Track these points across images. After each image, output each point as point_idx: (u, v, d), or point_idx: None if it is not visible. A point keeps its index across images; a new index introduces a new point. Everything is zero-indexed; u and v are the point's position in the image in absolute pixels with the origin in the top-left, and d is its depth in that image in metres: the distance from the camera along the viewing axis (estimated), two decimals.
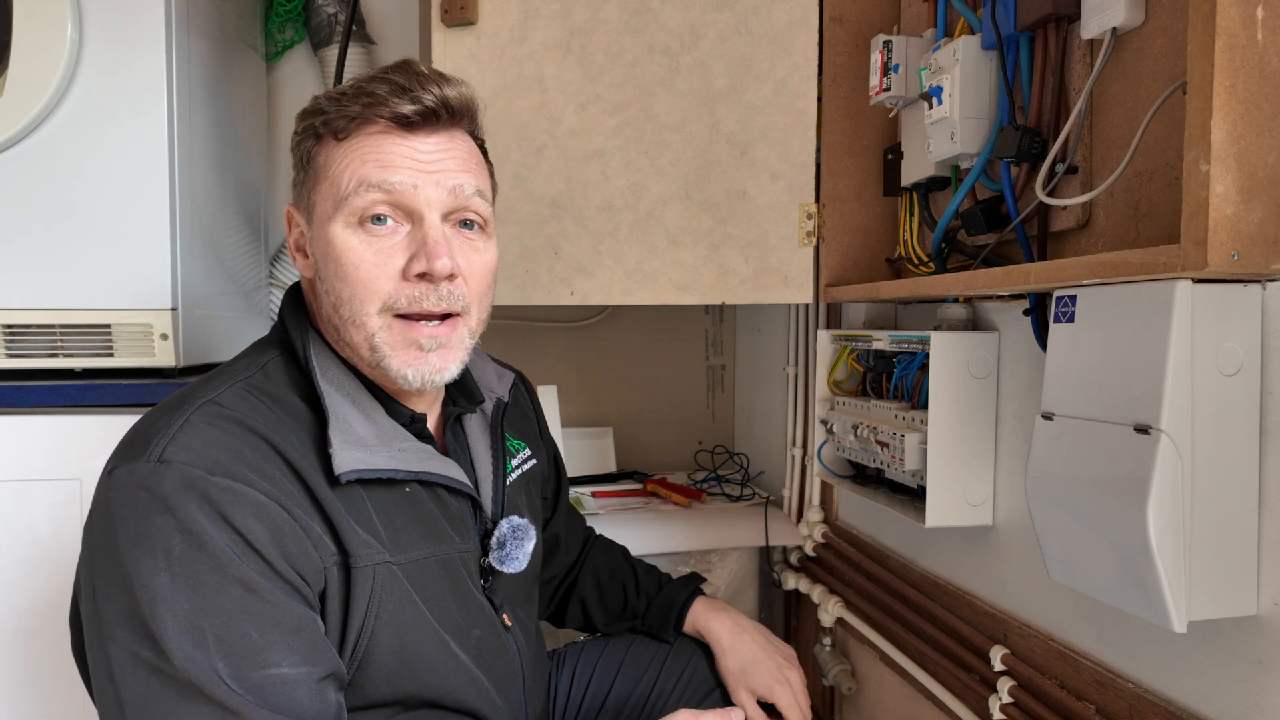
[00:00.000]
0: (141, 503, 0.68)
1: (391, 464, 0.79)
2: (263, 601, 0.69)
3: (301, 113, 0.85)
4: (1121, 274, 0.78)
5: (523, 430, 1.06)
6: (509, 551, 0.89)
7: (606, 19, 1.33)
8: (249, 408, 0.75)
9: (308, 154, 0.83)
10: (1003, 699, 1.09)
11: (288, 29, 1.84)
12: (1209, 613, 0.78)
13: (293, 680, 0.69)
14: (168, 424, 0.72)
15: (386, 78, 0.81)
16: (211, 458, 0.70)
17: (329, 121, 0.81)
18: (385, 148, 0.80)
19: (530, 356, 2.02)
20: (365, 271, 0.78)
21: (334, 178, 0.80)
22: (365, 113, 0.80)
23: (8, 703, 1.24)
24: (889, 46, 1.22)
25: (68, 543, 1.24)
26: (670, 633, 1.13)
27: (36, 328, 1.28)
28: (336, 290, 0.80)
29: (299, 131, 0.84)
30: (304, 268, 0.86)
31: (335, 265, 0.79)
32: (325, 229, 0.80)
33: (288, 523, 0.71)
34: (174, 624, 0.66)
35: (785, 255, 1.38)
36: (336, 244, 0.79)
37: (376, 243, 0.79)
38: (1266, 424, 0.79)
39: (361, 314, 0.79)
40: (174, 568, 0.67)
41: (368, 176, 0.78)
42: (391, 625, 0.78)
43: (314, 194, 0.82)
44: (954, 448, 1.13)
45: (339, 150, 0.81)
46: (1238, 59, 0.70)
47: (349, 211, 0.79)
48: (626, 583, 1.18)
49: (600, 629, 1.18)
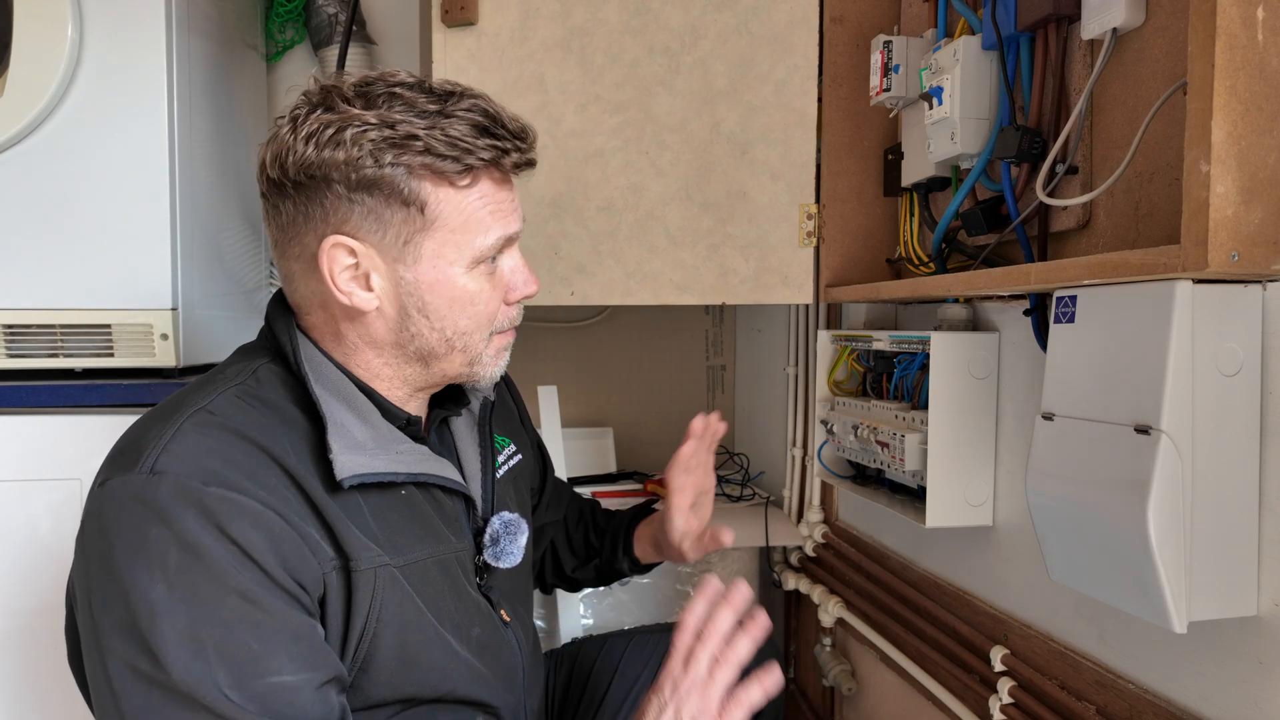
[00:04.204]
0: (136, 515, 0.68)
1: (391, 467, 0.79)
2: (261, 611, 0.68)
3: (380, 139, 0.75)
4: (1122, 274, 0.78)
5: (507, 426, 1.07)
6: (503, 547, 0.89)
7: (606, 19, 1.33)
8: (242, 414, 0.75)
9: (410, 193, 0.77)
10: (1003, 699, 1.09)
11: (288, 29, 1.84)
12: (1209, 613, 0.78)
13: (294, 687, 0.69)
14: (159, 433, 0.71)
15: (473, 118, 0.78)
16: (205, 467, 0.69)
17: (439, 167, 0.77)
18: (500, 197, 0.83)
19: (530, 356, 2.01)
20: (491, 307, 0.85)
21: (461, 228, 0.80)
22: (488, 163, 0.80)
23: (7, 702, 1.24)
24: (889, 47, 1.22)
25: (68, 542, 1.22)
26: (621, 559, 1.16)
27: (37, 328, 1.28)
28: (453, 324, 0.83)
29: (384, 162, 0.76)
30: (363, 301, 0.80)
31: (457, 305, 0.82)
32: (445, 273, 0.81)
33: (285, 530, 0.71)
34: (173, 636, 0.66)
35: (785, 255, 1.38)
36: (464, 287, 0.82)
37: (491, 279, 0.85)
38: (1267, 424, 0.79)
39: (478, 340, 0.86)
40: (171, 579, 0.66)
41: (502, 231, 0.83)
42: (393, 627, 0.78)
43: (423, 238, 0.79)
44: (954, 448, 1.13)
45: (460, 199, 0.79)
46: (1238, 59, 0.70)
47: (476, 259, 0.82)
48: (589, 526, 1.21)
49: (569, 573, 1.21)
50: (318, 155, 0.75)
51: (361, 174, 0.76)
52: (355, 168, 0.75)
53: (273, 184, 0.79)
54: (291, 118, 0.78)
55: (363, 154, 0.75)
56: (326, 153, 0.75)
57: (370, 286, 0.80)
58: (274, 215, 0.82)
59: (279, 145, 0.77)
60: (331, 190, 0.77)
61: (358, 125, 0.75)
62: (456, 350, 0.84)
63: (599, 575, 1.20)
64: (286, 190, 0.78)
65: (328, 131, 0.75)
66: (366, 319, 0.81)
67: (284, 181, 0.78)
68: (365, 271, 0.79)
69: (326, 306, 0.82)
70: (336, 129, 0.75)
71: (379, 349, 0.83)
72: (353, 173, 0.76)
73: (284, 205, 0.80)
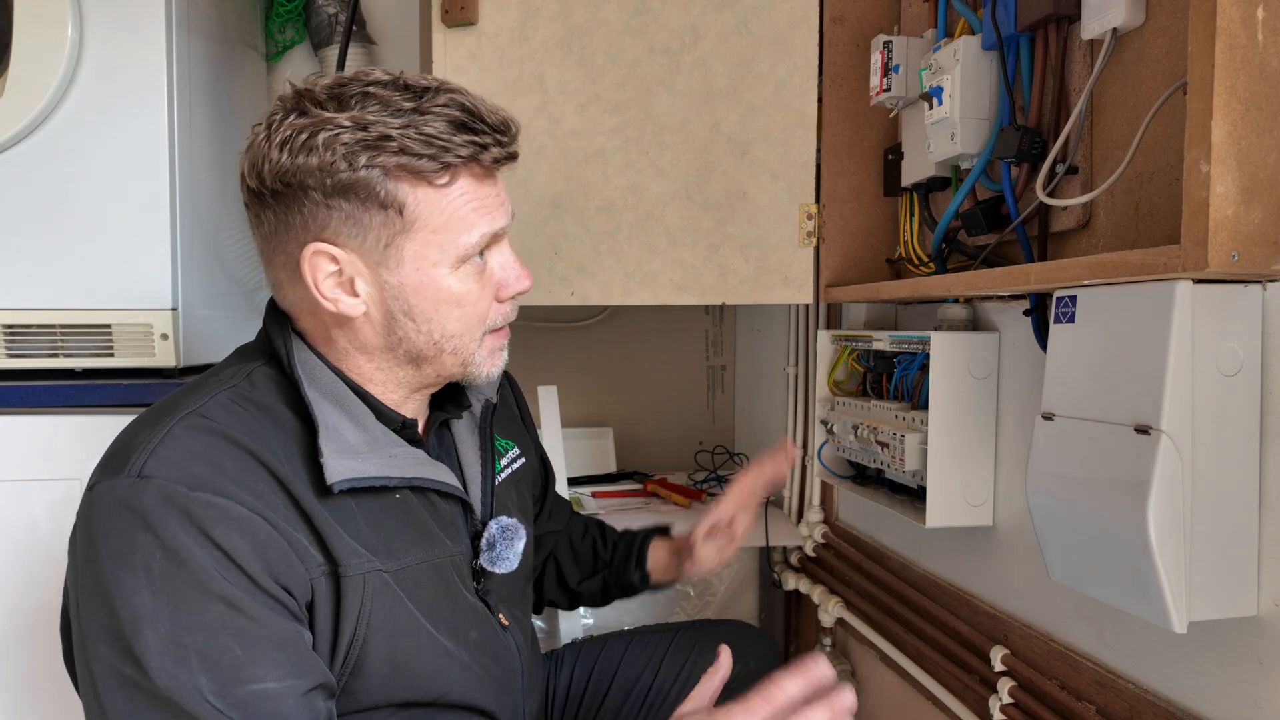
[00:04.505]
0: (122, 519, 0.67)
1: (384, 471, 0.79)
2: (246, 617, 0.68)
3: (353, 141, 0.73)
4: (1122, 274, 0.78)
5: (510, 429, 1.06)
6: (499, 552, 0.89)
7: (606, 19, 1.33)
8: (233, 418, 0.74)
9: (387, 195, 0.75)
10: (1003, 699, 1.09)
11: (288, 29, 1.84)
12: (1209, 613, 0.78)
13: (278, 694, 0.68)
14: (149, 437, 0.71)
15: (450, 114, 0.76)
16: (192, 472, 0.69)
17: (415, 166, 0.75)
18: (483, 192, 0.80)
19: (530, 356, 2.02)
20: (481, 307, 0.83)
21: (442, 227, 0.78)
22: (466, 160, 0.77)
23: (7, 702, 1.24)
24: (889, 47, 1.22)
25: (67, 542, 1.24)
26: (633, 571, 1.14)
27: (37, 328, 1.28)
28: (441, 327, 0.81)
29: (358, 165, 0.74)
30: (349, 307, 0.78)
31: (444, 306, 0.81)
32: (429, 275, 0.79)
33: (271, 536, 0.70)
34: (156, 642, 0.65)
35: (785, 255, 1.38)
36: (449, 288, 0.80)
37: (479, 277, 0.83)
38: (1267, 424, 0.79)
39: (470, 341, 0.84)
40: (155, 585, 0.66)
41: (486, 227, 0.80)
42: (384, 632, 0.77)
43: (404, 240, 0.77)
44: (954, 448, 1.13)
45: (438, 198, 0.77)
46: (1238, 59, 0.70)
47: (460, 258, 0.80)
48: (596, 538, 1.18)
49: (573, 587, 1.17)
50: (292, 162, 0.74)
51: (336, 179, 0.74)
52: (330, 173, 0.74)
53: (252, 193, 0.78)
54: (267, 124, 0.76)
55: (336, 158, 0.73)
56: (300, 159, 0.74)
57: (355, 292, 0.78)
58: (257, 225, 0.81)
59: (255, 154, 0.76)
60: (309, 197, 0.75)
61: (330, 129, 0.73)
62: (446, 352, 0.83)
63: (605, 589, 1.17)
64: (265, 199, 0.77)
65: (301, 137, 0.74)
66: (354, 324, 0.80)
67: (262, 191, 0.77)
68: (349, 278, 0.78)
69: (315, 313, 0.81)
70: (309, 134, 0.73)
71: (369, 353, 0.82)
72: (328, 178, 0.74)
73: (265, 215, 0.78)
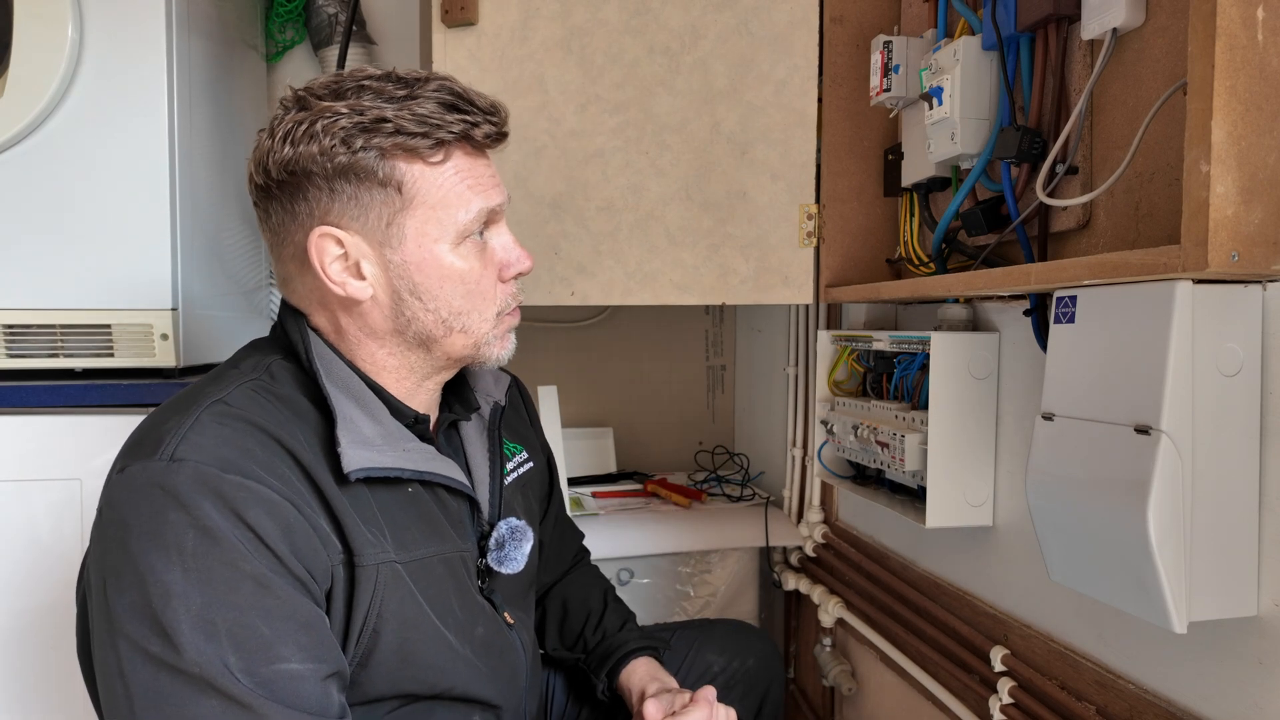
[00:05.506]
0: (155, 499, 0.69)
1: (398, 463, 0.80)
2: (274, 597, 0.69)
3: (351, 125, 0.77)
4: (1122, 274, 0.78)
5: (519, 433, 1.06)
6: (507, 552, 0.90)
7: (607, 19, 1.33)
8: (257, 407, 0.76)
9: (385, 174, 0.79)
10: (1003, 699, 1.09)
11: (288, 29, 1.84)
12: (1209, 613, 0.78)
13: (301, 675, 0.70)
14: (179, 423, 0.72)
15: (441, 97, 0.80)
16: (223, 456, 0.71)
17: (410, 145, 0.78)
18: (476, 170, 0.83)
19: (530, 356, 2.02)
20: (485, 285, 0.86)
21: (439, 203, 0.81)
22: (458, 136, 0.81)
23: (7, 702, 1.24)
24: (889, 47, 1.22)
25: (68, 542, 1.24)
26: (602, 677, 1.06)
27: (37, 328, 1.28)
28: (447, 304, 0.83)
29: (356, 147, 0.77)
30: (357, 290, 0.81)
31: (448, 283, 0.83)
32: (431, 251, 0.82)
33: (298, 520, 0.72)
34: (187, 618, 0.67)
35: (785, 255, 1.38)
36: (452, 265, 0.83)
37: (481, 256, 0.85)
38: (1267, 424, 0.79)
39: (480, 321, 0.86)
40: (187, 563, 0.67)
41: (482, 203, 0.83)
42: (394, 623, 0.78)
43: (404, 218, 0.80)
44: (954, 448, 1.13)
45: (434, 174, 0.81)
46: (1238, 60, 0.70)
47: (460, 234, 0.82)
48: (591, 613, 1.12)
49: (546, 650, 1.12)
50: (294, 151, 0.78)
51: (336, 162, 0.78)
52: (330, 156, 0.77)
53: (260, 190, 0.82)
54: (270, 126, 0.81)
55: (335, 142, 0.77)
56: (302, 147, 0.78)
57: (362, 275, 0.81)
58: (265, 220, 0.84)
59: (260, 152, 0.80)
60: (312, 183, 0.79)
61: (329, 116, 0.77)
62: (456, 331, 0.85)
63: (569, 673, 1.14)
64: (272, 192, 0.81)
65: (301, 127, 0.78)
66: (363, 309, 0.83)
67: (269, 184, 0.80)
68: (355, 260, 0.81)
69: (325, 303, 0.84)
70: (309, 123, 0.78)
71: (380, 339, 0.84)
72: (328, 162, 0.78)
73: (272, 207, 0.82)
